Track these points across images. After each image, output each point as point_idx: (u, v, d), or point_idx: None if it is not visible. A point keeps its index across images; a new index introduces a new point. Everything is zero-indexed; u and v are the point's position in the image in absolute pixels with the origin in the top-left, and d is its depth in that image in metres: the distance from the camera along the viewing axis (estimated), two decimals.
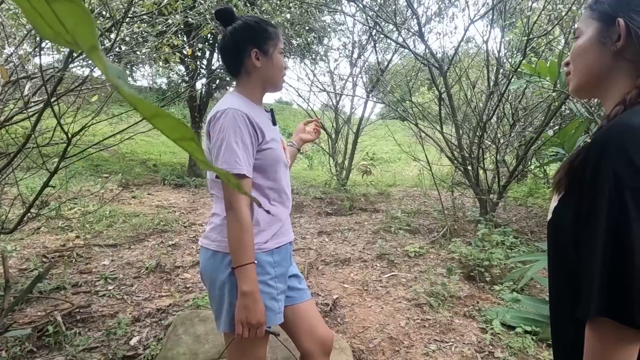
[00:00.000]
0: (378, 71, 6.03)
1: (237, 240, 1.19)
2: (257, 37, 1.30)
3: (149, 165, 9.14)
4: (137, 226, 4.44)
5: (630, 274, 0.63)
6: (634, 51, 0.73)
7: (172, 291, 3.09)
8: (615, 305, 0.64)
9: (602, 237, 0.66)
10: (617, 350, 0.65)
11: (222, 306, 1.28)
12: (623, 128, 0.67)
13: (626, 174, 0.64)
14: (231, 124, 1.21)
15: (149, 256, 3.67)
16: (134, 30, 3.47)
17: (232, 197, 1.20)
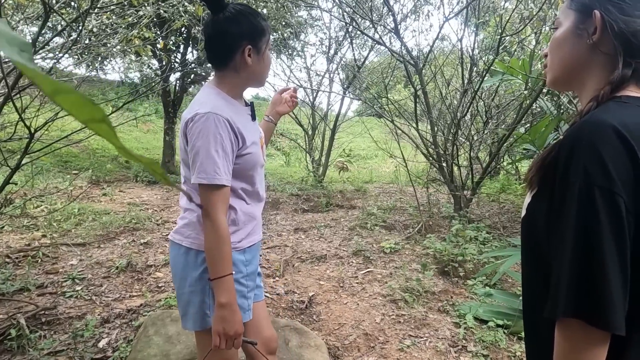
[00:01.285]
0: (354, 68, 6.03)
1: (215, 250, 1.16)
2: (252, 33, 1.22)
3: (121, 162, 8.89)
4: (108, 224, 4.31)
5: (599, 274, 0.62)
6: (610, 45, 0.72)
7: (143, 291, 3.01)
8: (583, 306, 0.63)
9: (571, 236, 0.65)
10: (585, 350, 0.65)
11: (190, 304, 1.25)
12: (594, 125, 0.66)
13: (596, 172, 0.63)
14: (212, 130, 1.14)
15: (119, 255, 3.57)
16: (103, 21, 3.35)
17: (211, 208, 1.15)
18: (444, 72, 4.62)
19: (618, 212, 0.62)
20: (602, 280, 0.62)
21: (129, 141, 11.71)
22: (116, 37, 3.47)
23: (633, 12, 0.71)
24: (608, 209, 0.62)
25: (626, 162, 0.63)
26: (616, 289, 0.62)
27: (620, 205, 0.62)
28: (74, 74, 3.75)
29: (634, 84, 0.74)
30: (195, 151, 1.15)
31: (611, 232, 0.62)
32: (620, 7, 0.71)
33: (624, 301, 0.63)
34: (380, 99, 5.87)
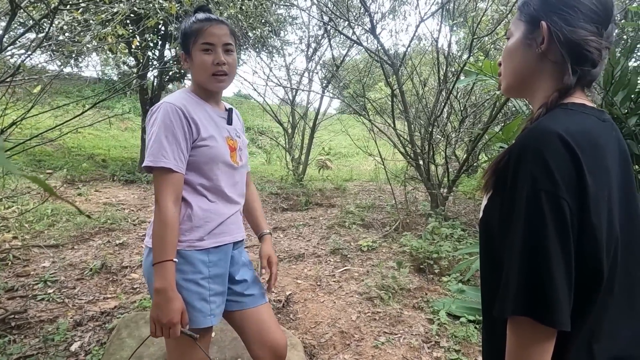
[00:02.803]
0: (333, 67, 6.04)
1: (158, 236, 1.17)
2: (183, 39, 1.31)
3: (97, 161, 8.73)
4: (82, 225, 4.23)
5: (545, 274, 0.66)
6: (557, 54, 0.75)
7: (118, 293, 2.97)
8: (531, 304, 0.67)
9: (519, 238, 0.69)
10: (533, 347, 0.68)
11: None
12: (540, 133, 0.70)
13: (542, 177, 0.67)
14: (163, 117, 1.19)
15: (93, 256, 3.51)
16: (77, 17, 3.28)
17: (159, 193, 1.18)
18: (420, 72, 4.68)
19: (563, 215, 0.66)
20: (549, 279, 0.65)
21: (106, 139, 11.49)
22: (89, 34, 3.40)
23: (577, 23, 0.74)
24: (553, 212, 0.66)
25: (570, 168, 0.67)
26: (562, 287, 0.66)
27: (565, 208, 0.66)
28: (46, 71, 3.66)
29: (580, 91, 0.78)
30: (149, 137, 1.19)
31: (556, 234, 0.66)
32: (565, 18, 0.75)
33: (569, 299, 0.67)
34: (359, 98, 5.92)
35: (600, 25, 0.75)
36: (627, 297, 0.74)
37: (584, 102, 0.76)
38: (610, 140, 0.75)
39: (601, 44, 0.74)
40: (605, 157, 0.72)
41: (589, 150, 0.69)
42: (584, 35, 0.73)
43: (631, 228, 0.75)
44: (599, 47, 0.74)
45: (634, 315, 0.75)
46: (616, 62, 3.75)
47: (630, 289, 0.74)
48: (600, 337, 0.73)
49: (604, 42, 0.74)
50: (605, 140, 0.73)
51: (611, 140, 0.76)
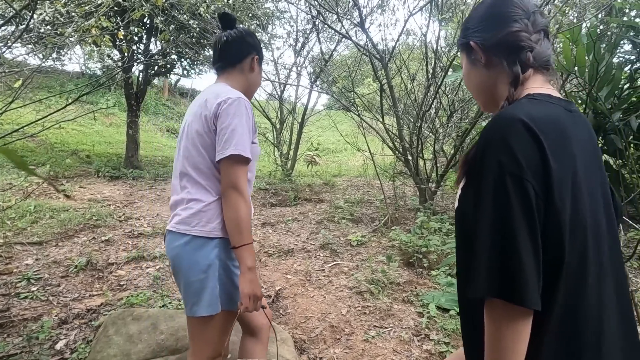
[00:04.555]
0: (322, 61, 6.01)
1: (243, 219, 1.26)
2: (258, 47, 1.48)
3: (82, 156, 8.56)
4: (66, 221, 4.15)
5: (513, 254, 0.68)
6: (494, 58, 0.86)
7: (104, 290, 2.92)
8: (500, 285, 0.69)
9: (488, 221, 0.71)
10: (507, 327, 0.70)
11: (203, 290, 1.29)
12: (505, 120, 0.74)
13: (507, 162, 0.70)
14: (244, 112, 1.30)
15: (78, 253, 3.44)
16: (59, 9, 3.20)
17: (239, 179, 1.27)
18: (409, 67, 4.68)
19: (528, 197, 0.69)
20: (516, 259, 0.68)
21: (90, 135, 11.29)
22: (71, 26, 3.31)
23: (492, 29, 0.86)
24: (519, 194, 0.69)
25: (534, 151, 0.70)
26: (529, 267, 0.68)
27: (530, 190, 0.69)
28: (26, 64, 3.56)
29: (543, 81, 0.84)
30: (231, 129, 1.26)
31: (523, 216, 0.68)
32: (481, 32, 0.88)
33: (537, 278, 0.69)
34: (348, 93, 5.90)
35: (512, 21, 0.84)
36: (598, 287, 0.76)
37: (549, 93, 0.80)
38: (578, 130, 0.79)
39: (523, 31, 0.82)
40: (571, 144, 0.75)
41: (553, 135, 0.72)
42: (504, 32, 0.84)
43: (599, 219, 0.78)
44: (521, 35, 0.82)
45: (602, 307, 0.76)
46: (601, 57, 3.81)
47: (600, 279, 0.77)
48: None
49: (525, 29, 0.83)
50: (572, 129, 0.77)
51: (579, 130, 0.80)
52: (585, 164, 0.77)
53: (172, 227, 1.33)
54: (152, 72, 8.16)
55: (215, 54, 1.46)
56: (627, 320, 0.80)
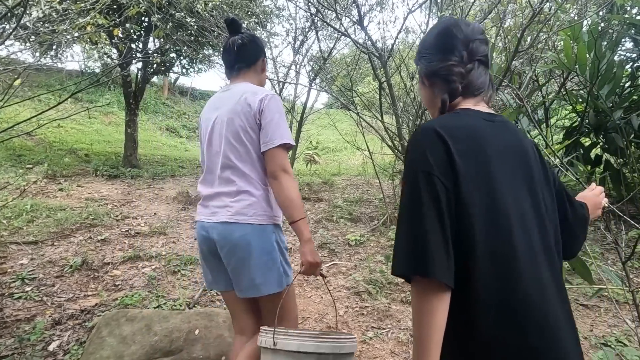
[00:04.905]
0: (320, 59, 5.97)
1: (296, 197, 1.43)
2: (265, 50, 1.67)
3: (80, 155, 8.53)
4: (63, 221, 4.11)
5: (421, 235, 0.80)
6: (434, 83, 1.01)
7: (99, 290, 2.89)
8: (412, 261, 0.80)
9: (404, 209, 0.85)
10: (423, 302, 0.80)
11: (271, 269, 1.45)
12: (422, 129, 0.90)
13: (420, 161, 0.85)
14: (281, 107, 1.49)
15: (74, 253, 3.41)
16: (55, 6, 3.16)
17: (286, 163, 1.43)
18: (408, 65, 4.64)
19: (435, 188, 0.82)
20: (424, 239, 0.79)
21: (89, 134, 11.25)
22: (66, 23, 3.27)
23: (431, 59, 1.00)
24: (428, 186, 0.83)
25: (442, 152, 0.85)
26: (436, 244, 0.79)
27: (437, 184, 0.82)
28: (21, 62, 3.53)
29: (471, 100, 0.97)
30: (275, 121, 1.44)
31: (431, 204, 0.81)
32: (427, 59, 1.01)
33: (445, 255, 0.80)
34: (347, 92, 5.86)
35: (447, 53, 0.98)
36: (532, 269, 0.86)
37: (469, 107, 0.95)
38: (500, 136, 0.92)
39: (454, 66, 0.96)
40: (485, 147, 0.88)
41: (464, 140, 0.87)
42: (439, 65, 0.98)
43: (525, 211, 0.88)
44: (453, 69, 0.96)
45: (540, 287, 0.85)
46: (602, 55, 3.77)
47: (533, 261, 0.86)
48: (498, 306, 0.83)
49: (457, 64, 0.96)
50: (490, 135, 0.90)
51: (502, 136, 0.92)
52: (507, 164, 0.90)
53: (228, 219, 1.44)
54: (151, 71, 8.12)
55: (231, 56, 1.59)
56: (564, 300, 0.90)
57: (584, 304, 2.82)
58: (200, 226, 1.53)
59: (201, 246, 1.56)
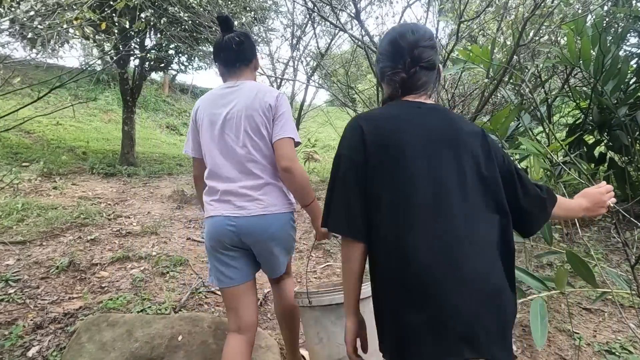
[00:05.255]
0: (318, 55, 5.86)
1: (308, 182, 1.59)
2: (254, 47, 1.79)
3: (78, 153, 8.45)
4: (53, 220, 4.03)
5: (337, 201, 1.06)
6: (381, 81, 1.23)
7: (84, 292, 2.80)
8: (331, 220, 1.07)
9: (329, 181, 1.11)
10: (343, 252, 1.08)
11: (291, 250, 1.75)
12: (350, 120, 1.13)
13: (342, 145, 1.10)
14: (289, 105, 1.67)
15: (62, 253, 3.32)
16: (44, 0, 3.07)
17: (295, 156, 1.56)
18: None
19: (350, 165, 1.06)
20: (337, 201, 1.06)
21: (89, 131, 11.17)
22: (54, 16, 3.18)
23: (380, 61, 1.19)
24: (344, 164, 1.07)
25: (357, 136, 1.07)
26: (348, 209, 1.04)
27: (352, 162, 1.06)
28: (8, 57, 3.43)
29: (411, 94, 1.14)
30: (285, 117, 1.59)
31: (344, 175, 1.06)
32: (380, 60, 1.19)
33: (358, 218, 1.04)
34: (346, 88, 5.74)
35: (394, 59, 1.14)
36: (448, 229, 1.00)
37: (403, 99, 1.14)
38: (421, 118, 1.09)
39: (396, 73, 1.12)
40: (400, 126, 1.06)
41: (380, 123, 1.08)
42: (384, 69, 1.17)
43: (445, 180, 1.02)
44: (393, 76, 1.13)
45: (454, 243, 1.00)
46: (607, 50, 3.65)
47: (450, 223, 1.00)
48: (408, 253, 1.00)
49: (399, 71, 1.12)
50: (409, 118, 1.08)
51: (424, 118, 1.09)
52: (424, 140, 1.05)
53: (263, 211, 1.56)
54: (148, 68, 8.02)
55: (230, 54, 1.66)
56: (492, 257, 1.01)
57: (587, 308, 2.72)
58: (222, 221, 1.56)
59: (222, 241, 1.58)
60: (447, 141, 1.05)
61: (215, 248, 1.60)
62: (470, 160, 1.05)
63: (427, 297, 0.94)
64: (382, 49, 1.17)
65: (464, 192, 1.02)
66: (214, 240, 1.59)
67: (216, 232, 1.57)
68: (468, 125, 1.11)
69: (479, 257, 0.98)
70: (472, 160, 1.05)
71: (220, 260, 1.61)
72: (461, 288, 0.94)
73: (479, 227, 1.01)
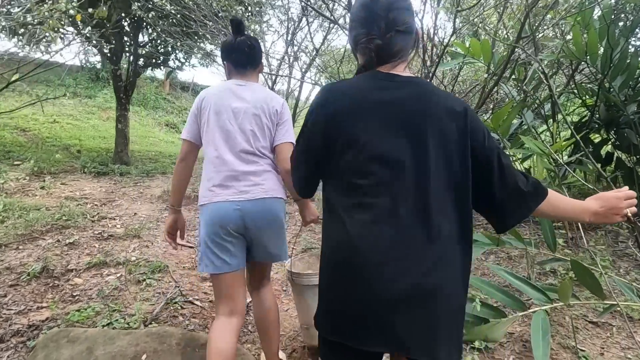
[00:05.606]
0: (313, 51, 5.66)
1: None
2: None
3: (72, 151, 8.30)
4: (34, 222, 3.86)
5: (295, 165, 1.18)
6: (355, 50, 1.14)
7: (55, 300, 2.63)
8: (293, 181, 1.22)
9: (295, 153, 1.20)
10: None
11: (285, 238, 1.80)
12: (321, 91, 1.10)
13: (308, 114, 1.10)
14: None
15: (36, 258, 3.15)
16: None
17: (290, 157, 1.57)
18: None
19: (306, 136, 1.10)
20: (295, 168, 1.18)
21: (86, 129, 11.04)
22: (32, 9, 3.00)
23: (351, 30, 1.11)
24: (304, 135, 1.11)
25: (318, 108, 1.07)
26: (301, 172, 1.16)
27: (309, 132, 1.09)
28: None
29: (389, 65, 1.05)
30: (288, 123, 1.75)
31: (303, 143, 1.12)
32: (351, 28, 1.10)
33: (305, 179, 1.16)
34: None
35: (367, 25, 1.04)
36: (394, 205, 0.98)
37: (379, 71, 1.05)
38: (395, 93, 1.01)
39: (371, 39, 1.03)
40: (369, 101, 1.01)
41: (341, 96, 1.04)
42: (355, 36, 1.08)
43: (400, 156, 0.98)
44: (367, 43, 1.03)
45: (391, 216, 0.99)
46: (615, 43, 3.42)
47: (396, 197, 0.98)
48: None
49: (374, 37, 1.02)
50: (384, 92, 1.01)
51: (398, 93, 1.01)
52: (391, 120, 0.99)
53: (265, 195, 1.65)
54: (143, 64, 7.85)
55: (242, 56, 1.76)
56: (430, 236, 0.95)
57: (593, 322, 2.51)
58: (228, 206, 1.60)
59: (225, 227, 1.60)
60: (411, 119, 0.99)
61: (217, 234, 1.61)
62: (436, 140, 0.98)
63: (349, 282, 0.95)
64: (354, 16, 1.08)
65: (419, 176, 0.97)
66: (217, 226, 1.60)
67: (220, 218, 1.60)
68: (449, 101, 1.02)
69: (418, 248, 0.94)
70: (438, 140, 0.98)
71: (220, 246, 1.62)
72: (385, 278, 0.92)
73: (428, 217, 0.96)
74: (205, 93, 1.74)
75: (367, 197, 0.96)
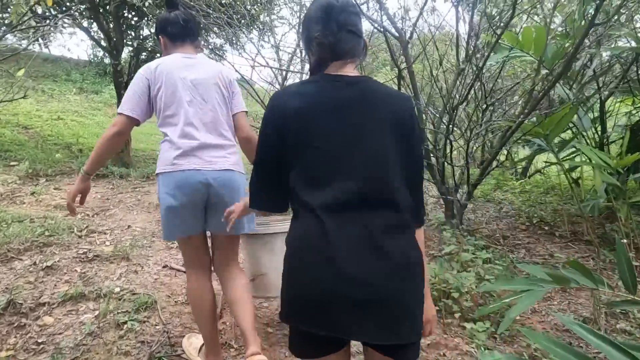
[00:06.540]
0: None
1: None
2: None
3: (74, 150, 7.88)
4: (12, 238, 3.38)
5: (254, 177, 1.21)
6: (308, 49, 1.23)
7: (17, 349, 2.14)
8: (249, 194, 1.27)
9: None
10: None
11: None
12: (274, 96, 1.19)
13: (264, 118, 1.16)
14: None
15: (4, 288, 2.67)
16: None
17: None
18: (434, 48, 3.74)
19: (266, 137, 1.15)
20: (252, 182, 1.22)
21: (91, 126, 10.67)
22: None
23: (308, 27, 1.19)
24: (261, 136, 1.16)
25: (276, 111, 1.13)
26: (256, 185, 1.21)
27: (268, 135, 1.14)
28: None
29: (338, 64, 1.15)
30: (240, 93, 1.88)
31: (261, 146, 1.17)
32: (306, 27, 1.20)
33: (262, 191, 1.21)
34: None
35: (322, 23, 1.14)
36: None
37: (328, 73, 1.14)
38: (348, 95, 1.10)
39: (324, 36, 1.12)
40: (321, 104, 1.09)
41: (295, 99, 1.11)
42: (310, 34, 1.17)
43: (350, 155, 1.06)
44: (320, 40, 1.12)
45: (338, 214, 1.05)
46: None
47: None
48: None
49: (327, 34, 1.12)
50: (323, 93, 1.11)
51: (352, 95, 1.10)
52: (345, 117, 1.08)
53: (231, 167, 1.75)
54: (145, 58, 7.39)
55: (179, 29, 1.81)
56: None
57: None
58: (195, 174, 1.66)
59: (193, 193, 1.66)
60: (358, 116, 1.10)
61: (189, 199, 1.67)
62: (372, 140, 1.09)
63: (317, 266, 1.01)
64: (311, 15, 1.17)
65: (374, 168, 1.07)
66: (188, 192, 1.66)
67: (187, 185, 1.65)
68: (393, 103, 1.13)
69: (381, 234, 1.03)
70: (374, 139, 1.09)
71: (188, 210, 1.70)
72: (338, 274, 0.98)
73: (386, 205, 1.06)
74: (152, 67, 1.72)
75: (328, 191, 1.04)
